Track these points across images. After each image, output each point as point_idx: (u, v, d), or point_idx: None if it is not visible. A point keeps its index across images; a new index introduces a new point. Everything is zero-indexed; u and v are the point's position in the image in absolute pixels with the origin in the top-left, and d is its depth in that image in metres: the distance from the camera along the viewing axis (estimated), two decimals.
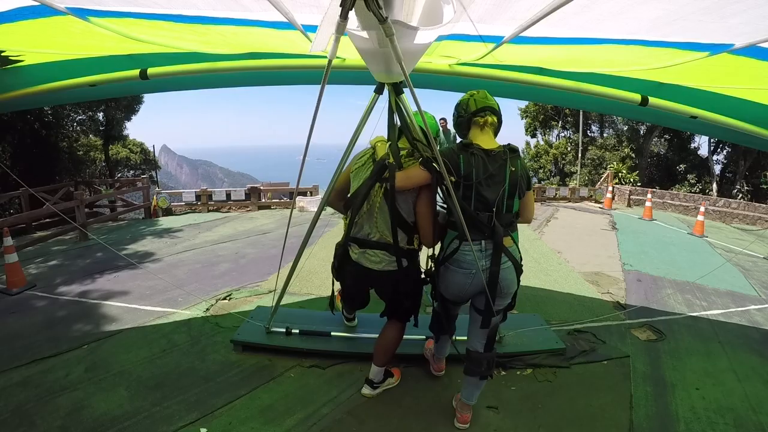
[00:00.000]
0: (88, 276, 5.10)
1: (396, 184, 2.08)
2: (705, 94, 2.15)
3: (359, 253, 2.29)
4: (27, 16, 1.60)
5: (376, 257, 2.25)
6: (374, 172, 2.15)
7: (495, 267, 1.98)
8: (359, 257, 2.29)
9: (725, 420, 2.55)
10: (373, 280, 2.34)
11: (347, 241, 2.33)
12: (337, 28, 1.08)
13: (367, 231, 2.26)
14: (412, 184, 2.09)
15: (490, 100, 2.10)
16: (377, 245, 2.24)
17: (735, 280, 5.26)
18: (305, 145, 1.94)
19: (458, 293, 2.14)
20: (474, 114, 2.06)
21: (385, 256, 2.24)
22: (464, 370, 2.27)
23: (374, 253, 2.25)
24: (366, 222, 2.25)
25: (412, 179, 2.07)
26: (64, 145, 11.64)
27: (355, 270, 2.33)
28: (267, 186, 11.14)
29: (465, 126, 2.12)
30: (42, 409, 2.53)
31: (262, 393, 2.71)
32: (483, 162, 1.97)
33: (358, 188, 2.24)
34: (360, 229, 2.28)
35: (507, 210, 2.03)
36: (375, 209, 2.20)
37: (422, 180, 2.06)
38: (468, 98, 2.11)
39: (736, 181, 14.40)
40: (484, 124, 2.07)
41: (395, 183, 2.08)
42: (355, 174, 2.30)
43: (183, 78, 2.62)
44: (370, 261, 2.26)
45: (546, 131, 19.18)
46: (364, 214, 2.24)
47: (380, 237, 2.22)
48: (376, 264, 2.25)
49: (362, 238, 2.27)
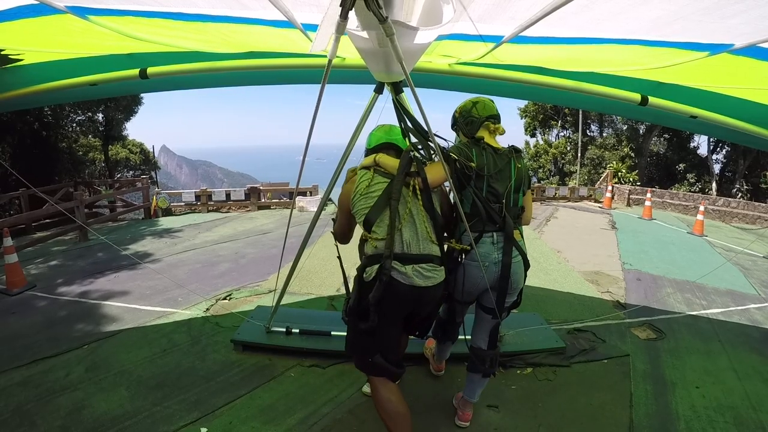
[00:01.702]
0: (88, 276, 5.10)
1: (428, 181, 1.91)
2: (705, 93, 2.15)
3: (407, 271, 1.82)
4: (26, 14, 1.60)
5: (428, 272, 1.86)
6: (402, 166, 1.87)
7: (507, 258, 2.03)
8: (408, 276, 1.82)
9: (725, 418, 2.55)
10: (421, 300, 1.90)
11: (385, 261, 1.80)
12: (337, 28, 1.08)
13: (409, 242, 1.86)
14: (439, 179, 1.96)
15: (496, 109, 2.21)
16: (424, 258, 1.86)
17: (735, 279, 5.26)
18: (305, 145, 1.94)
19: (470, 289, 2.12)
20: (487, 118, 2.16)
21: (434, 268, 1.89)
22: (467, 367, 2.28)
23: (424, 267, 1.85)
24: (407, 232, 1.87)
25: (437, 177, 1.94)
26: (64, 145, 11.63)
27: (401, 294, 1.83)
28: (267, 186, 11.13)
29: (477, 126, 2.18)
30: (42, 409, 2.53)
31: (263, 392, 2.71)
32: (492, 157, 2.06)
33: (383, 193, 1.88)
34: (400, 242, 1.85)
35: (514, 203, 2.11)
36: (413, 215, 1.89)
37: (445, 175, 1.93)
38: (479, 102, 2.20)
39: (736, 180, 14.40)
40: (495, 130, 2.17)
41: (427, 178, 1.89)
42: (363, 194, 1.93)
43: (183, 77, 2.62)
44: (423, 277, 1.84)
45: (545, 131, 19.20)
46: (405, 222, 1.87)
47: (426, 247, 1.88)
48: (428, 280, 1.85)
49: (405, 253, 1.84)
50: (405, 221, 1.86)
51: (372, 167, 1.97)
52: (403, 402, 1.93)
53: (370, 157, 2.02)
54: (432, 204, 1.92)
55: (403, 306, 1.89)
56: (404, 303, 1.87)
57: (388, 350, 1.91)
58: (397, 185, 1.85)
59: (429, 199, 1.91)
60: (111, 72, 2.18)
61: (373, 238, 1.87)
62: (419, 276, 1.83)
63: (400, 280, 1.81)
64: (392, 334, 1.94)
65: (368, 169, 1.98)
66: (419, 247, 1.86)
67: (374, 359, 1.90)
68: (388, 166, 1.94)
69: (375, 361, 1.90)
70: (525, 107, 18.94)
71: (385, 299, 1.81)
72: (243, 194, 10.48)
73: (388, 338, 1.92)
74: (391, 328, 1.92)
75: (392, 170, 1.90)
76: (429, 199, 1.91)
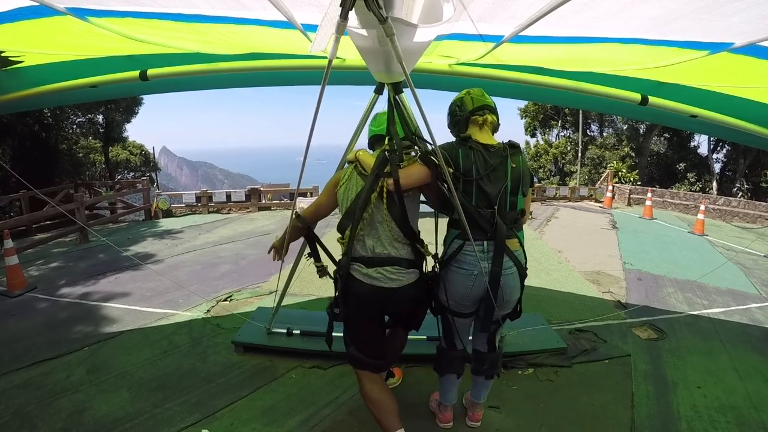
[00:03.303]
0: (89, 278, 5.10)
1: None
2: (705, 93, 2.15)
3: (371, 272, 1.88)
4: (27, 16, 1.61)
5: (393, 274, 1.89)
6: (375, 166, 1.86)
7: (496, 268, 1.89)
8: (372, 278, 1.88)
9: (727, 418, 2.55)
10: (389, 301, 1.95)
11: (348, 262, 1.90)
12: (337, 28, 1.08)
13: (372, 246, 1.90)
14: (413, 181, 1.91)
15: (487, 98, 2.03)
16: (389, 260, 1.90)
17: (736, 279, 5.25)
18: (305, 146, 1.94)
19: (460, 298, 2.01)
20: (472, 113, 1.99)
21: (399, 270, 1.91)
22: (471, 369, 2.28)
23: (388, 270, 1.89)
24: (369, 239, 1.91)
25: (412, 176, 1.87)
26: (64, 147, 11.65)
27: (364, 294, 1.91)
28: (267, 187, 11.14)
29: (463, 125, 2.04)
30: (43, 412, 2.53)
31: (264, 394, 2.71)
32: (483, 156, 1.90)
33: (355, 197, 1.91)
34: (363, 245, 1.91)
35: (510, 207, 1.94)
36: (375, 220, 1.90)
37: (423, 177, 1.88)
38: (465, 96, 2.04)
39: (736, 179, 14.40)
40: (483, 123, 1.99)
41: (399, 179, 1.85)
42: (343, 191, 1.99)
43: (183, 79, 2.62)
44: (388, 279, 1.89)
45: (546, 131, 19.21)
46: (367, 225, 1.90)
47: (392, 249, 1.91)
48: (393, 282, 1.89)
49: (368, 255, 1.91)
50: (364, 228, 1.90)
51: (354, 162, 2.00)
52: (386, 391, 2.03)
53: (353, 152, 2.03)
54: (402, 206, 1.87)
55: (368, 305, 1.95)
56: (369, 302, 1.94)
57: (363, 344, 2.01)
58: (367, 187, 1.86)
59: (399, 201, 1.86)
60: (111, 74, 2.19)
61: (343, 243, 1.95)
62: (383, 278, 1.89)
63: (364, 281, 1.89)
64: (366, 329, 2.02)
65: (351, 163, 2.02)
66: (384, 251, 1.90)
67: (349, 351, 2.02)
68: (365, 164, 1.93)
69: (350, 353, 2.02)
70: (525, 107, 18.94)
71: (348, 297, 1.94)
72: (243, 195, 10.48)
73: (362, 333, 2.02)
74: (364, 324, 2.01)
75: (368, 168, 1.90)
76: (400, 201, 1.86)
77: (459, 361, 2.20)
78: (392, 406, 1.98)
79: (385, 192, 1.87)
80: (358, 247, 1.92)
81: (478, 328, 2.18)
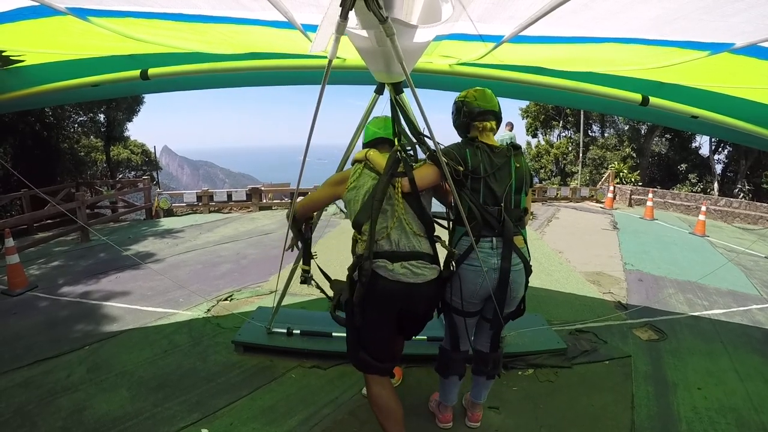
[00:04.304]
0: (89, 277, 5.11)
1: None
2: (706, 93, 2.15)
3: (395, 268, 1.82)
4: (27, 16, 1.61)
5: (417, 268, 1.85)
6: (388, 166, 1.86)
7: (506, 263, 1.92)
8: (396, 273, 1.81)
9: (727, 420, 2.54)
10: (411, 298, 1.88)
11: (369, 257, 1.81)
12: (337, 29, 1.08)
13: (397, 240, 1.86)
14: (426, 183, 1.93)
15: (493, 101, 2.04)
16: (414, 255, 1.86)
17: (736, 280, 5.24)
18: (306, 145, 1.94)
19: (469, 296, 2.02)
20: (473, 119, 2.02)
21: (424, 265, 1.88)
22: (472, 369, 2.28)
23: (413, 264, 1.85)
24: (395, 232, 1.87)
25: (425, 179, 1.91)
26: (66, 146, 11.66)
27: (387, 290, 1.83)
28: (268, 187, 11.14)
29: (464, 128, 2.08)
30: (44, 410, 2.54)
31: (264, 394, 2.71)
32: (488, 156, 1.96)
33: (370, 193, 1.88)
34: (388, 239, 1.86)
35: (515, 205, 1.99)
36: (400, 216, 1.88)
37: (435, 179, 1.92)
38: (470, 99, 2.04)
39: (738, 180, 14.36)
40: (483, 129, 2.03)
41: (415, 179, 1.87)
42: (353, 189, 1.95)
43: (184, 78, 2.63)
44: (413, 274, 1.83)
45: (547, 131, 19.17)
46: (389, 218, 1.87)
47: (416, 244, 1.88)
48: (418, 276, 1.84)
49: (392, 249, 1.85)
50: (393, 223, 1.87)
51: (363, 161, 2.00)
52: (394, 397, 1.98)
53: (362, 152, 2.03)
54: (420, 204, 1.90)
55: (390, 303, 1.87)
56: (392, 300, 1.86)
57: (375, 349, 1.92)
58: (382, 185, 1.84)
59: (417, 200, 1.89)
60: (112, 73, 2.19)
61: (362, 240, 1.88)
62: (408, 273, 1.83)
63: (387, 277, 1.81)
64: (381, 333, 1.93)
65: (360, 162, 2.01)
66: (409, 244, 1.87)
67: (359, 355, 1.94)
68: (376, 164, 1.93)
69: (360, 357, 1.94)
70: (526, 108, 18.92)
71: (370, 298, 1.82)
72: (244, 195, 10.49)
73: (376, 337, 1.93)
74: (380, 328, 1.92)
75: (380, 168, 1.90)
76: (417, 199, 1.89)
77: (462, 362, 2.21)
78: (398, 414, 1.95)
79: (402, 190, 1.88)
80: (382, 242, 1.86)
81: (482, 327, 2.19)
